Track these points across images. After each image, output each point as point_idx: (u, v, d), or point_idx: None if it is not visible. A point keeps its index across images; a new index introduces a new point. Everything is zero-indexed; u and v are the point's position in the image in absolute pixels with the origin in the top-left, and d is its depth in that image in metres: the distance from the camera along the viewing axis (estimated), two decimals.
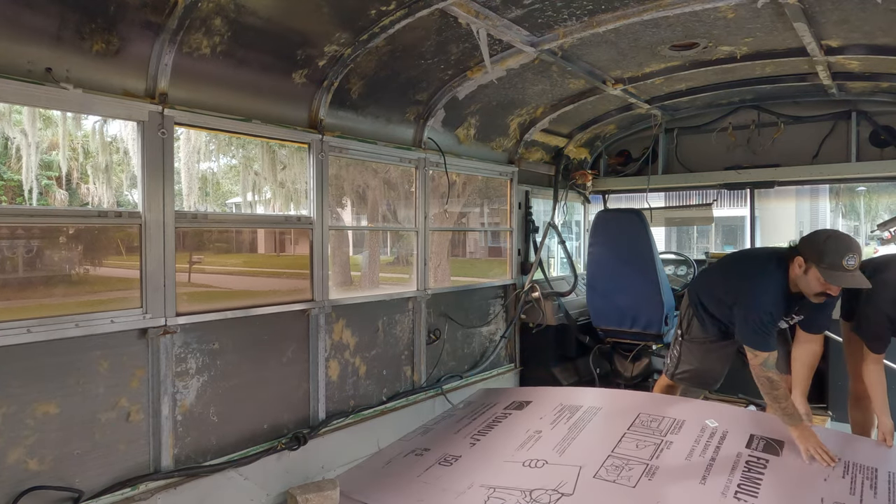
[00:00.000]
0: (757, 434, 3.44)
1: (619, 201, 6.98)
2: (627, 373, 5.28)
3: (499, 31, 3.49)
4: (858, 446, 3.42)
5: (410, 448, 4.03)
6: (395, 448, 4.10)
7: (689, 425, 3.60)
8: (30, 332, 2.56)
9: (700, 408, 3.79)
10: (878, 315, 3.36)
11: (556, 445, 3.62)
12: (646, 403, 3.96)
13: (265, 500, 3.45)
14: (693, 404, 3.83)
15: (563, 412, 4.04)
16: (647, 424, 3.69)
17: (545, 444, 3.68)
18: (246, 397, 3.45)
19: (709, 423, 3.59)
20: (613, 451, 3.46)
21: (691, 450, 3.38)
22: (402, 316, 4.54)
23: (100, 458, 2.83)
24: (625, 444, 3.52)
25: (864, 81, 4.61)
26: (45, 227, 3.27)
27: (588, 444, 3.61)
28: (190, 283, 7.14)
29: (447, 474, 3.56)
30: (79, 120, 11.86)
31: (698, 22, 3.57)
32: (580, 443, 3.62)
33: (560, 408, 4.11)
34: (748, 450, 3.32)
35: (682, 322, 4.05)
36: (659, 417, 3.73)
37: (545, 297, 5.54)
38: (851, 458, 3.19)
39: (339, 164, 6.57)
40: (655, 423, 3.68)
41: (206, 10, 2.81)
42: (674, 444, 3.44)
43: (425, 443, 4.07)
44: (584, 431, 3.75)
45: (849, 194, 17.83)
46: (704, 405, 3.87)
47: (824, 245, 3.13)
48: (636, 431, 3.63)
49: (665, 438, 3.51)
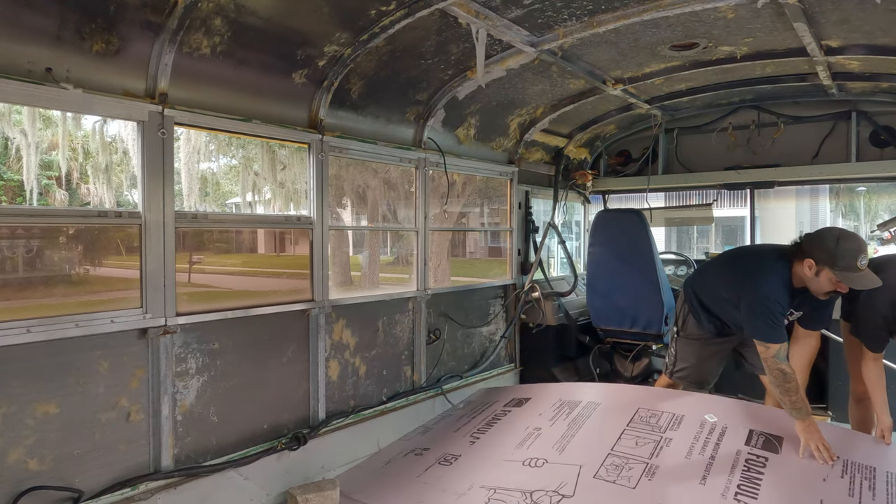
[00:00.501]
0: (756, 429, 3.44)
1: (619, 201, 6.98)
2: (627, 373, 5.28)
3: (499, 31, 3.49)
4: (857, 443, 3.42)
5: (410, 448, 4.02)
6: (395, 448, 4.10)
7: (688, 420, 3.60)
8: (30, 332, 2.56)
9: (699, 402, 3.78)
10: (875, 316, 3.37)
11: (556, 443, 3.61)
12: (645, 398, 3.94)
13: (265, 500, 3.45)
14: (692, 398, 3.82)
15: (562, 408, 4.03)
16: (646, 420, 3.68)
17: (545, 441, 3.67)
18: (246, 397, 3.45)
19: (708, 417, 3.58)
20: (613, 450, 3.46)
21: (691, 447, 3.38)
22: (402, 316, 4.54)
23: (100, 458, 2.83)
24: (624, 441, 3.51)
25: (864, 81, 4.61)
26: (45, 227, 3.27)
27: (587, 441, 3.60)
28: (190, 283, 7.15)
29: (447, 474, 3.55)
30: (79, 120, 11.87)
31: (698, 22, 3.57)
32: (579, 440, 3.61)
33: (559, 403, 4.10)
34: (747, 447, 3.32)
35: (677, 319, 4.05)
36: (658, 413, 3.72)
37: (545, 297, 5.54)
38: (850, 456, 3.19)
39: (339, 164, 6.58)
40: (655, 419, 3.67)
41: (206, 10, 2.81)
42: (673, 442, 3.44)
43: (425, 442, 4.06)
44: (583, 428, 3.73)
45: (849, 194, 17.82)
46: (703, 398, 3.86)
47: (837, 248, 3.12)
48: (635, 428, 3.63)
49: (664, 435, 3.51)
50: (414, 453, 3.92)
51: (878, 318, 3.35)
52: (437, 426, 4.36)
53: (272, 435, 3.58)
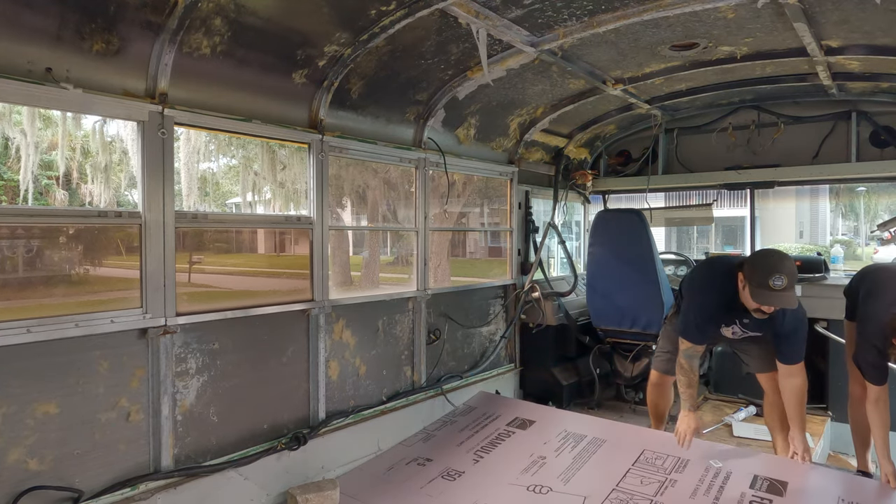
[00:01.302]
0: (760, 475, 3.47)
1: (619, 201, 6.98)
2: (627, 373, 5.28)
3: (499, 31, 3.49)
4: (864, 487, 3.43)
5: (413, 456, 4.06)
6: (397, 453, 4.12)
7: (693, 464, 3.65)
8: (30, 332, 2.56)
9: (705, 448, 3.86)
10: (867, 345, 3.28)
11: (561, 474, 3.67)
12: (651, 440, 4.02)
13: (265, 500, 3.45)
14: (698, 445, 3.90)
15: (567, 439, 4.10)
16: (651, 461, 3.73)
17: (550, 470, 3.72)
18: (246, 397, 3.45)
19: (713, 463, 3.64)
20: (618, 485, 3.50)
21: (695, 489, 3.41)
22: (402, 316, 4.54)
23: (100, 458, 2.83)
24: (629, 479, 3.56)
25: (864, 81, 4.61)
26: (45, 227, 3.26)
27: (593, 475, 3.65)
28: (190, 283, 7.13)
29: (450, 489, 3.59)
30: (79, 120, 11.85)
31: (698, 22, 3.57)
32: (585, 473, 3.67)
33: (564, 434, 4.16)
34: (752, 490, 3.34)
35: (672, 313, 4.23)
36: (664, 455, 3.78)
37: (545, 297, 5.54)
38: (857, 499, 3.20)
39: (339, 164, 6.57)
40: (660, 461, 3.72)
41: (206, 10, 2.81)
42: (678, 483, 3.48)
43: (427, 452, 4.10)
44: (588, 463, 3.80)
45: (849, 194, 17.83)
46: (709, 445, 3.92)
47: (754, 264, 3.26)
48: (641, 467, 3.68)
49: (670, 476, 3.55)
50: (416, 463, 3.95)
51: (871, 348, 3.24)
52: (439, 434, 4.39)
53: (272, 435, 3.58)
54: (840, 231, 21.30)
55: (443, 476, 3.75)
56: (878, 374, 3.27)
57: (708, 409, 5.24)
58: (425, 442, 4.27)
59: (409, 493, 3.58)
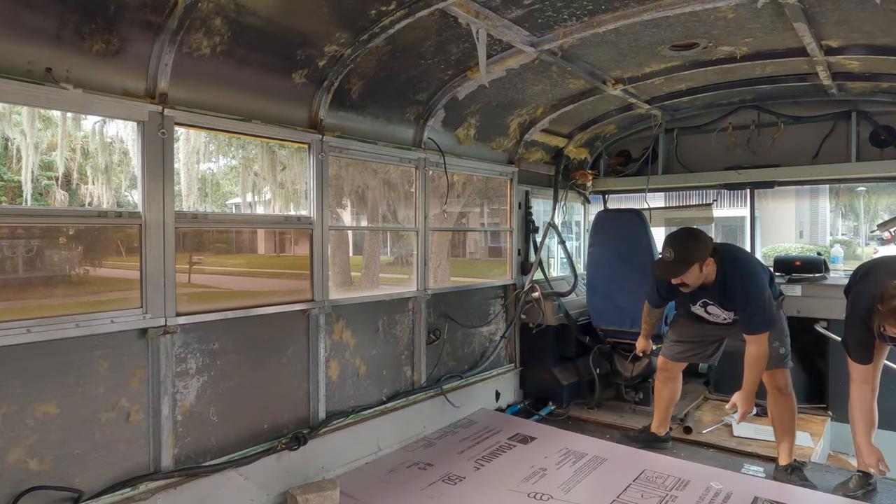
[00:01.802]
0: (761, 497, 3.49)
1: (619, 201, 6.98)
2: (627, 373, 5.28)
3: (499, 32, 3.49)
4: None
5: (413, 460, 4.08)
6: (398, 457, 4.14)
7: (693, 484, 3.67)
8: (30, 332, 2.56)
9: (705, 470, 3.89)
10: (854, 320, 3.32)
11: (562, 485, 3.70)
12: (651, 461, 4.06)
13: (265, 500, 3.45)
14: (698, 467, 3.93)
15: (567, 455, 4.15)
16: (652, 480, 3.76)
17: (550, 480, 3.75)
18: (246, 397, 3.45)
19: (713, 484, 3.66)
20: (619, 497, 3.53)
21: None
22: (402, 316, 4.54)
23: (100, 458, 2.82)
24: (630, 493, 3.59)
25: (864, 81, 4.61)
26: (45, 227, 3.28)
27: (593, 487, 3.68)
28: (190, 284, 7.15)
29: (451, 492, 3.60)
30: (78, 120, 11.85)
31: (698, 22, 3.57)
32: (586, 485, 3.70)
33: (565, 451, 4.22)
34: None
35: None
36: (664, 475, 3.81)
37: (545, 298, 5.54)
38: None
39: (339, 164, 6.58)
40: (660, 480, 3.76)
41: (206, 10, 2.81)
42: (679, 499, 3.50)
43: (428, 457, 4.13)
44: (589, 476, 3.83)
45: (849, 194, 17.83)
46: (709, 469, 3.94)
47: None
48: (641, 484, 3.71)
49: (670, 493, 3.58)
50: (417, 466, 3.97)
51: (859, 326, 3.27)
52: (440, 442, 4.42)
53: (272, 435, 3.58)
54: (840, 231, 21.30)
55: (443, 480, 3.77)
56: (864, 353, 3.32)
57: (708, 409, 5.25)
58: (426, 448, 4.31)
59: (409, 494, 3.59)
